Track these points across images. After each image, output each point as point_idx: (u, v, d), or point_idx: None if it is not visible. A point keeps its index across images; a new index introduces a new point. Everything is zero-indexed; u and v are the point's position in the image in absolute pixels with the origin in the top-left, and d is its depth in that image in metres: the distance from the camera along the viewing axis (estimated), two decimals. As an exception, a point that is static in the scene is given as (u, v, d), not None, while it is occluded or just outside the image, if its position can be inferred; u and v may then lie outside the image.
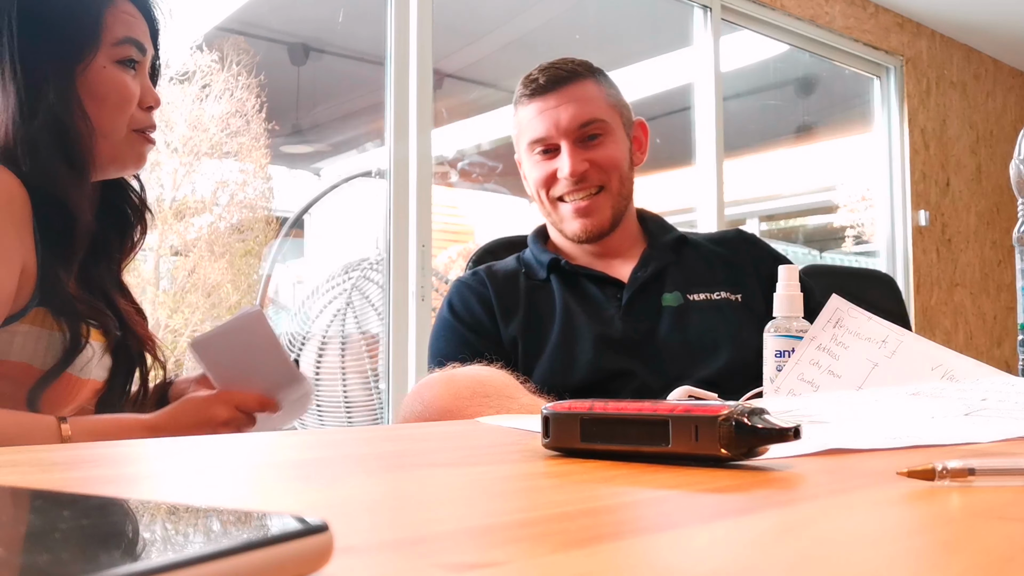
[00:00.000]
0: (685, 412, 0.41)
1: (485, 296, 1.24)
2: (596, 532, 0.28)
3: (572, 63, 1.27)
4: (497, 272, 1.29)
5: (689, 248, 1.29)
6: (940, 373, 0.81)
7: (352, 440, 0.57)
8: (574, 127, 1.23)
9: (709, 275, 1.25)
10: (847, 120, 4.65)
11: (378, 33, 2.55)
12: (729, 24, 3.50)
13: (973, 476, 0.34)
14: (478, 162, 4.20)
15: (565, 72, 1.25)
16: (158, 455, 0.50)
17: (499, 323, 1.22)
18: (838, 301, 0.90)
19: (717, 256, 1.27)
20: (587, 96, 1.24)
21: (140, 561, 0.17)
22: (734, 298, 1.22)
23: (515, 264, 1.31)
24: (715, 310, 1.20)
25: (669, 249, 1.27)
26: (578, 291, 1.24)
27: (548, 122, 1.23)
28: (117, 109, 0.98)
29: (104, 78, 0.97)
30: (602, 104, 1.25)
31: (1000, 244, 4.65)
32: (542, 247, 1.31)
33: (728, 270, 1.26)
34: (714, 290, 1.23)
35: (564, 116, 1.23)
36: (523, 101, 1.27)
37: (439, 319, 1.27)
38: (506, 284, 1.26)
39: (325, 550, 0.20)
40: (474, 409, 0.85)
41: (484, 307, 1.23)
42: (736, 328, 1.19)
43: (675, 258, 1.26)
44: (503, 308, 1.23)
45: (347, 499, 0.34)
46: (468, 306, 1.24)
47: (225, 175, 2.96)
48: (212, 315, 2.93)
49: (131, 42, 0.99)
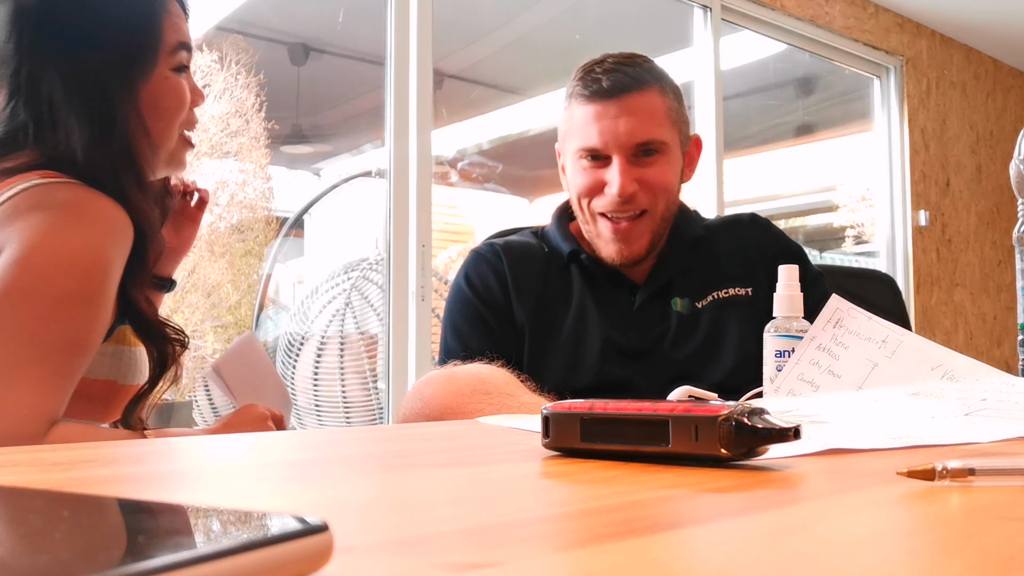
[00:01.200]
0: (685, 412, 0.41)
1: (500, 270, 1.21)
2: (596, 532, 0.28)
3: (640, 66, 1.17)
4: (514, 248, 1.24)
5: (704, 246, 1.25)
6: (940, 373, 0.81)
7: (351, 440, 0.57)
8: (631, 144, 1.14)
9: (720, 273, 1.22)
10: (847, 120, 4.66)
11: (378, 33, 2.55)
12: (729, 24, 3.50)
13: (973, 476, 0.34)
14: (478, 162, 4.20)
15: (630, 78, 1.15)
16: (158, 456, 0.50)
17: (512, 300, 1.19)
18: (838, 301, 0.90)
19: (728, 248, 1.25)
20: (649, 110, 1.15)
21: (140, 561, 0.17)
22: (743, 292, 1.20)
23: (534, 241, 1.26)
24: (721, 310, 1.19)
25: (687, 251, 1.24)
26: (594, 287, 1.21)
27: (604, 132, 1.14)
28: (174, 117, 0.98)
29: (166, 89, 0.96)
30: (664, 120, 1.16)
31: (1000, 244, 4.65)
32: (565, 229, 1.25)
33: (738, 261, 1.23)
34: (723, 287, 1.20)
35: (622, 129, 1.13)
36: (579, 99, 1.17)
37: (454, 289, 1.23)
38: (522, 262, 1.22)
39: (325, 550, 0.20)
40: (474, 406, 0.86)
41: (499, 281, 1.20)
42: (741, 330, 1.18)
43: (689, 261, 1.23)
44: (517, 286, 1.19)
45: (347, 499, 0.34)
46: (484, 278, 1.21)
47: (225, 175, 2.96)
48: (212, 315, 2.93)
49: (183, 47, 0.99)
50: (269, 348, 2.83)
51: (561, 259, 1.23)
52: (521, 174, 4.48)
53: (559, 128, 1.25)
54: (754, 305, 1.19)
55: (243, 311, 3.03)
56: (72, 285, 0.83)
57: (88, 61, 0.92)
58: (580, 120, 1.17)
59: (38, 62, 0.92)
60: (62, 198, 0.86)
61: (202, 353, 2.95)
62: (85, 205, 0.86)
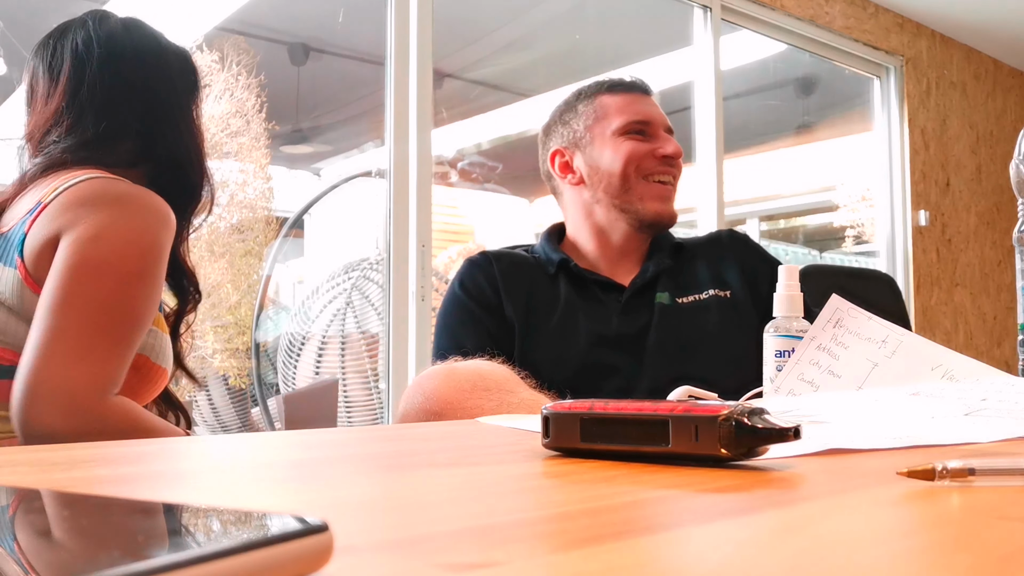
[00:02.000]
0: (685, 412, 0.41)
1: (491, 273, 1.29)
2: (596, 532, 0.28)
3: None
4: (504, 255, 1.34)
5: (683, 254, 1.35)
6: (940, 373, 0.81)
7: (352, 440, 0.57)
8: (666, 124, 1.34)
9: (698, 278, 1.31)
10: (847, 120, 4.66)
11: (378, 33, 2.55)
12: (729, 24, 3.50)
13: (973, 476, 0.34)
14: (478, 162, 4.20)
15: (646, 88, 1.37)
16: (158, 455, 0.50)
17: (503, 300, 1.26)
18: (838, 301, 0.90)
19: (707, 258, 1.34)
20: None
21: (140, 561, 0.17)
22: (723, 294, 1.28)
23: (524, 253, 1.36)
24: (702, 310, 1.27)
25: (667, 256, 1.33)
26: (582, 291, 1.29)
27: (648, 111, 1.33)
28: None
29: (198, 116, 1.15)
30: None
31: (1000, 244, 4.65)
32: (555, 246, 1.35)
33: (716, 269, 1.32)
34: (703, 290, 1.29)
35: (659, 113, 1.34)
36: (606, 93, 1.34)
37: (448, 296, 1.31)
38: (512, 267, 1.31)
39: (325, 550, 0.20)
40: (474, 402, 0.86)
41: (490, 283, 1.28)
42: (722, 325, 1.25)
43: (670, 263, 1.32)
44: (507, 287, 1.27)
45: (347, 499, 0.34)
46: (476, 281, 1.29)
47: (225, 175, 2.96)
48: (212, 315, 2.93)
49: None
50: (270, 348, 2.84)
51: (550, 268, 1.32)
52: (521, 174, 4.48)
53: (571, 126, 1.36)
54: (734, 307, 1.27)
55: (243, 311, 3.03)
56: (136, 265, 0.94)
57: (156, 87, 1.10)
58: (616, 104, 1.33)
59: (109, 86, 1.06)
60: (120, 190, 0.98)
61: (202, 353, 2.95)
62: (140, 197, 0.98)
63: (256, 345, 2.82)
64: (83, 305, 0.89)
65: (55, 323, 0.88)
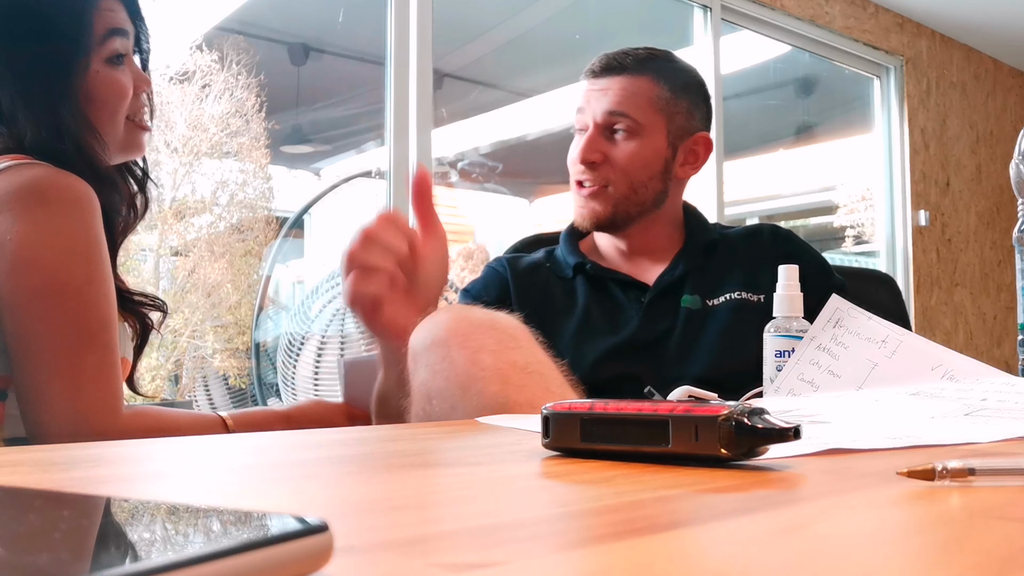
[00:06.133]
0: (685, 412, 0.41)
1: (503, 277, 1.25)
2: (596, 532, 0.28)
3: (635, 56, 1.23)
4: (520, 261, 1.29)
5: (719, 250, 1.26)
6: (940, 373, 0.81)
7: (352, 440, 0.57)
8: (600, 114, 1.21)
9: (731, 277, 1.22)
10: (847, 120, 4.66)
11: (378, 33, 2.55)
12: (729, 24, 3.50)
13: (973, 476, 0.34)
14: (478, 162, 4.20)
15: (618, 63, 1.23)
16: (158, 455, 0.50)
17: (514, 303, 1.21)
18: (838, 301, 0.90)
19: (742, 256, 1.25)
20: (629, 90, 1.21)
21: (140, 561, 0.17)
22: (755, 299, 1.19)
23: (542, 257, 1.30)
24: (731, 312, 1.18)
25: (701, 252, 1.25)
26: (602, 295, 1.23)
27: (585, 106, 1.23)
28: (115, 109, 0.98)
29: (98, 82, 0.96)
30: (642, 102, 1.21)
31: (1000, 244, 4.65)
32: (574, 246, 1.29)
33: (751, 269, 1.23)
34: (734, 290, 1.20)
35: (596, 102, 1.21)
36: (581, 80, 1.27)
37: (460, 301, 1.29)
38: (526, 273, 1.26)
39: (325, 550, 0.20)
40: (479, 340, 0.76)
41: (500, 288, 1.24)
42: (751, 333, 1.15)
43: (704, 261, 1.24)
44: (519, 294, 1.22)
45: (347, 499, 0.34)
46: (486, 285, 1.26)
47: (225, 175, 2.97)
48: (212, 315, 2.94)
49: (116, 33, 0.97)
50: (270, 348, 2.84)
51: (567, 272, 1.25)
52: (521, 174, 4.48)
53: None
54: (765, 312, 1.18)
55: (243, 311, 3.03)
56: (84, 271, 0.87)
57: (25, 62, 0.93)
58: (577, 97, 1.26)
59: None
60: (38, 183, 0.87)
61: (202, 353, 2.95)
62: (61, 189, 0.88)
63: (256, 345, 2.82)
64: (58, 337, 0.84)
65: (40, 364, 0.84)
